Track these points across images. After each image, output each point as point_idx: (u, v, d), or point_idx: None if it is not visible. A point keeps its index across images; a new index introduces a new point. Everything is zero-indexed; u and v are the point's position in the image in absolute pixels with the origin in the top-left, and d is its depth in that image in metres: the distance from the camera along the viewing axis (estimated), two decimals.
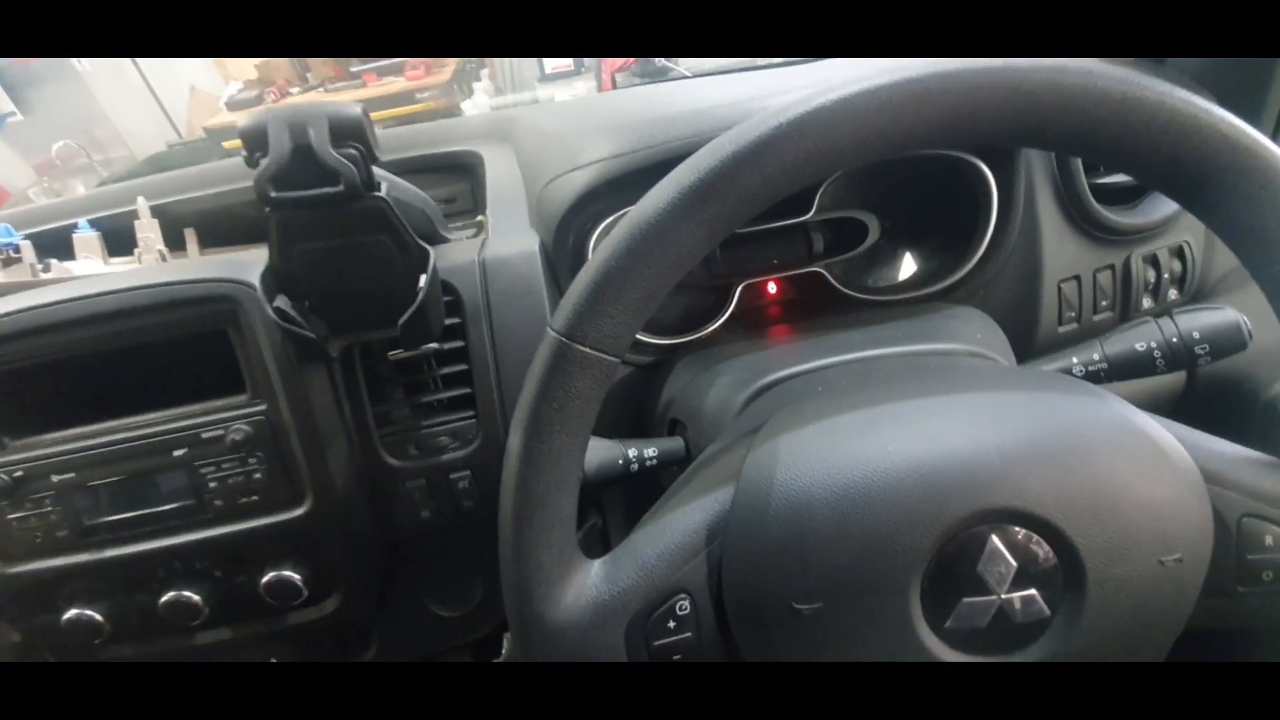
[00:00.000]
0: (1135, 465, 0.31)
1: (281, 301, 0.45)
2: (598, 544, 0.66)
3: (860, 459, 0.32)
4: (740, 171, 0.30)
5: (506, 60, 2.23)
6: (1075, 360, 0.47)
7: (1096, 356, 0.47)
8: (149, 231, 0.60)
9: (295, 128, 0.39)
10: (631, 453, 0.48)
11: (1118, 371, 0.46)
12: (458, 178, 0.75)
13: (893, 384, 0.39)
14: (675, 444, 0.50)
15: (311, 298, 0.46)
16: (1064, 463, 0.31)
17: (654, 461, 0.49)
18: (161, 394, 0.50)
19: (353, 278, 0.46)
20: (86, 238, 0.60)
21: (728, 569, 0.32)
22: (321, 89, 2.88)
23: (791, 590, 0.31)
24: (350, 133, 0.40)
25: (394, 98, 2.49)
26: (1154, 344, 0.45)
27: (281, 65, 2.77)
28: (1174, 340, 0.45)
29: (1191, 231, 0.63)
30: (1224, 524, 0.32)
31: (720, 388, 0.49)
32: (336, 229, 0.43)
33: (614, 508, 0.65)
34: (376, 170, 0.44)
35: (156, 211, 0.62)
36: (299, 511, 0.51)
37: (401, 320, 0.45)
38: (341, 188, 0.40)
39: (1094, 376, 0.46)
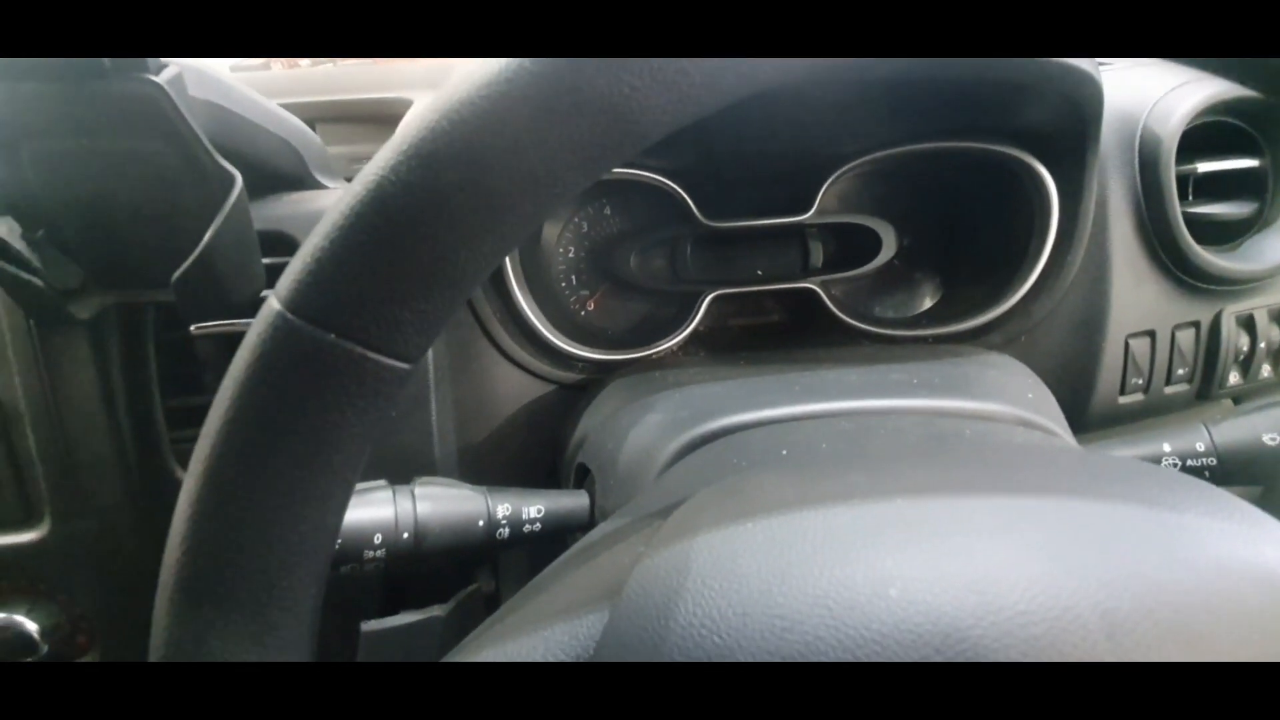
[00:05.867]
0: None
1: (1, 227, 0.30)
2: (483, 617, 0.50)
3: (838, 607, 0.16)
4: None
5: None
6: (1168, 448, 0.32)
7: (1201, 446, 0.31)
8: None
9: None
10: (502, 511, 0.32)
11: (1232, 472, 0.31)
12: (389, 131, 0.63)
13: (905, 462, 0.23)
14: (576, 502, 0.34)
15: (54, 227, 0.31)
16: (1214, 651, 0.15)
17: (536, 527, 0.33)
18: None
19: (118, 204, 0.31)
20: None
21: None
22: (333, 64, 2.79)
23: None
24: None
25: None
26: None
27: None
28: None
29: None
30: None
31: (646, 428, 0.34)
32: (87, 124, 0.29)
33: (513, 567, 0.49)
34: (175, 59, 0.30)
35: None
36: (33, 535, 0.37)
37: (176, 275, 0.30)
38: None
39: (1194, 475, 0.31)
